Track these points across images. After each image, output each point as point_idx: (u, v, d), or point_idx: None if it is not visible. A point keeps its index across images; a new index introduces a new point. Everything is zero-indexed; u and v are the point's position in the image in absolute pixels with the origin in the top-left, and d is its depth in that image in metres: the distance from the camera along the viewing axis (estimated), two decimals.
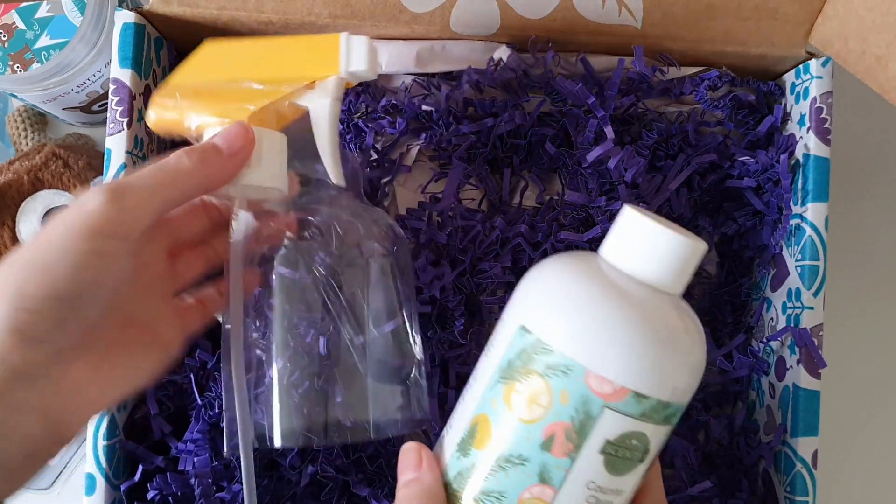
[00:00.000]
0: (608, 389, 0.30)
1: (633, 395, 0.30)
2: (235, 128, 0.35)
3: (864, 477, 0.57)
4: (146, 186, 0.31)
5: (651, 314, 0.30)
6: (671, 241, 0.31)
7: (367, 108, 0.47)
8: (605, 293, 0.31)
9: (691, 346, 0.31)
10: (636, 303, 0.31)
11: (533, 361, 0.31)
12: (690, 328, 0.32)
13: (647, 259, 0.31)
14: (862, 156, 0.59)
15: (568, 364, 0.30)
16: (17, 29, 0.48)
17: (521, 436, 0.31)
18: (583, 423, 0.30)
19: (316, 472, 0.45)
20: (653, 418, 0.30)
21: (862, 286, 0.58)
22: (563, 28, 0.45)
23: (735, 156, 0.48)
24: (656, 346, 0.30)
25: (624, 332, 0.30)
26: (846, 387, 0.55)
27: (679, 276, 0.32)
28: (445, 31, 0.46)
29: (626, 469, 0.31)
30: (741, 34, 0.45)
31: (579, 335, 0.30)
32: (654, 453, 0.32)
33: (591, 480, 0.31)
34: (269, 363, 0.38)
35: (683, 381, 0.31)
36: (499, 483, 0.31)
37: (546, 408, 0.30)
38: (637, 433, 0.30)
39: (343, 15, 0.45)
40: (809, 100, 0.45)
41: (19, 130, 0.57)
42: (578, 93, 0.45)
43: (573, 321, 0.30)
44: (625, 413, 0.30)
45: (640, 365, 0.30)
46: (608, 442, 0.30)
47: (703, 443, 0.50)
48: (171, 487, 0.43)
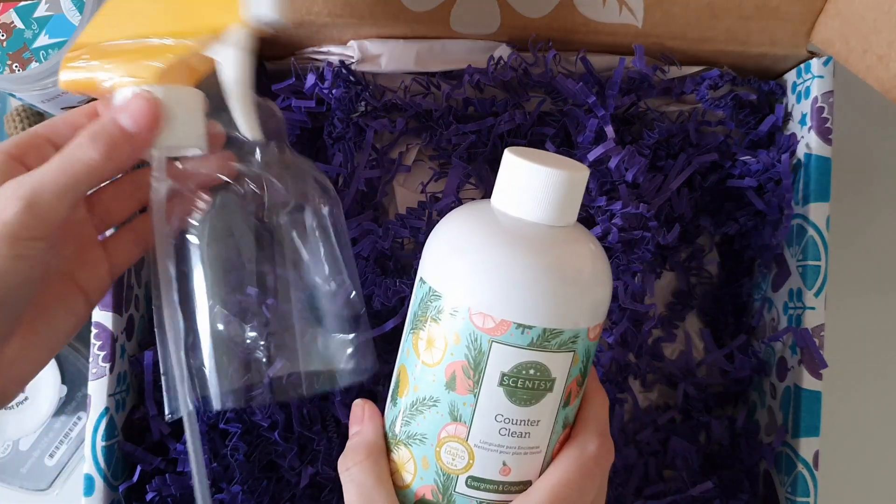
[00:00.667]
0: (491, 324, 0.31)
1: (515, 327, 0.31)
2: (140, 103, 0.34)
3: (866, 477, 0.57)
4: (57, 187, 0.32)
5: (527, 248, 0.31)
6: (545, 176, 0.32)
7: (367, 107, 0.47)
8: (483, 236, 0.32)
9: (577, 272, 0.32)
10: (512, 240, 0.32)
11: (429, 309, 0.33)
12: (579, 254, 0.32)
13: (528, 199, 0.32)
14: (863, 155, 0.58)
15: (454, 306, 0.32)
16: (16, 28, 0.48)
17: (429, 379, 0.33)
18: (476, 360, 0.32)
19: (316, 472, 0.45)
20: (545, 347, 0.31)
21: (863, 286, 0.57)
22: (564, 27, 0.45)
23: (736, 155, 0.48)
24: (531, 276, 0.31)
25: (498, 268, 0.31)
26: (848, 387, 0.54)
27: (563, 209, 0.32)
28: (445, 30, 0.45)
29: (532, 399, 0.32)
30: (742, 33, 0.45)
31: (461, 278, 0.32)
32: (565, 382, 0.32)
33: (498, 413, 0.32)
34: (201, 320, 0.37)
35: (570, 306, 0.31)
36: (419, 426, 0.33)
37: (443, 350, 0.32)
38: (532, 363, 0.31)
39: (342, 14, 0.44)
40: (811, 99, 0.45)
41: (18, 130, 0.57)
42: (579, 92, 0.45)
43: (455, 266, 0.32)
44: (512, 345, 0.31)
45: (517, 296, 0.31)
46: (504, 374, 0.31)
47: (705, 444, 0.50)
48: (170, 488, 0.43)
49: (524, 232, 0.32)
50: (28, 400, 0.50)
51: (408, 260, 0.46)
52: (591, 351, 0.34)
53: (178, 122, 0.35)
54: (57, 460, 0.52)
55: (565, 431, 0.34)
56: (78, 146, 0.33)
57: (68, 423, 0.52)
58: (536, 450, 0.33)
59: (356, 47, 0.46)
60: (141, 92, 0.35)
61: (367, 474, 0.34)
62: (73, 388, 0.52)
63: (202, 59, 0.36)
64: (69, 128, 0.36)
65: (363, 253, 0.45)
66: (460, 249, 0.32)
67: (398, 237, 0.46)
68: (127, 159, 0.34)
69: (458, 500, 0.33)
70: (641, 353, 0.49)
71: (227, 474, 0.44)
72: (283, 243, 0.38)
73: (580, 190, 0.33)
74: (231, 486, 0.43)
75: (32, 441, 0.52)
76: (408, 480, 0.34)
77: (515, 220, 0.32)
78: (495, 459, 0.32)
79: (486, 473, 0.33)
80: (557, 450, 0.34)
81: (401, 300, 0.45)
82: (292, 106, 0.47)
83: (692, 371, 0.50)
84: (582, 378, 0.33)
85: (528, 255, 0.31)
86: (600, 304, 0.33)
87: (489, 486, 0.33)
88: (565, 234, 0.33)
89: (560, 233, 0.32)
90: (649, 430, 0.49)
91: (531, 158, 0.32)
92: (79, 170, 0.33)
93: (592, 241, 0.34)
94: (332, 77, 0.46)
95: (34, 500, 0.53)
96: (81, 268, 0.38)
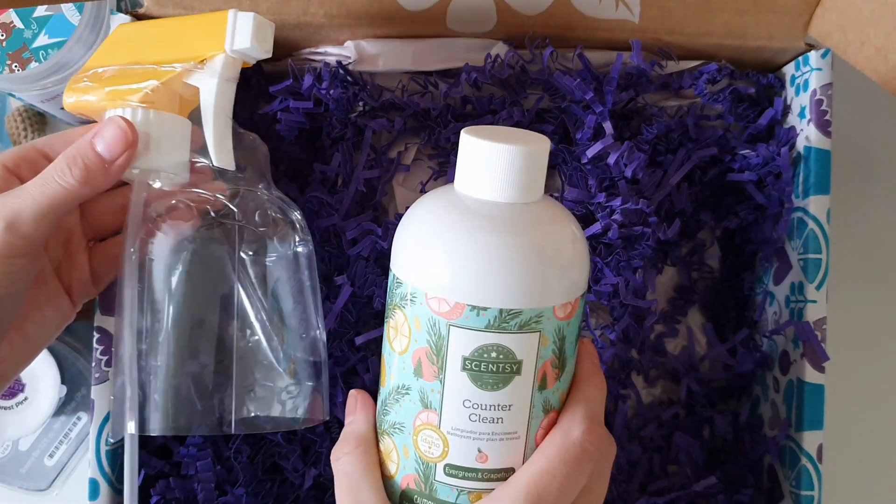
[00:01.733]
0: (446, 308, 0.30)
1: (470, 309, 0.30)
2: (114, 130, 0.35)
3: (870, 470, 0.56)
4: (36, 209, 0.34)
5: (478, 228, 0.30)
6: (499, 154, 0.31)
7: (365, 107, 0.47)
8: (438, 220, 0.31)
9: (534, 247, 0.30)
10: (463, 221, 0.31)
11: (394, 297, 0.33)
12: (539, 229, 0.31)
13: (485, 178, 0.31)
14: (863, 148, 0.58)
15: (413, 292, 0.31)
16: (16, 28, 0.48)
17: (400, 367, 0.33)
18: (438, 345, 0.31)
19: (319, 474, 0.45)
20: (504, 328, 0.30)
21: (865, 279, 0.57)
22: (561, 24, 0.45)
23: (736, 149, 0.48)
24: (482, 256, 0.30)
25: (450, 250, 0.30)
26: (851, 380, 0.54)
27: (522, 184, 0.31)
28: (442, 28, 0.45)
29: (498, 383, 0.31)
30: (740, 27, 0.45)
31: (417, 263, 0.31)
32: (535, 364, 0.31)
33: (465, 399, 0.31)
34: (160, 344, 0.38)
35: (527, 283, 0.30)
36: (397, 414, 0.33)
37: (408, 337, 0.32)
38: (492, 346, 0.30)
39: (339, 15, 0.44)
40: (809, 92, 0.45)
41: (19, 130, 0.57)
42: (576, 88, 0.45)
43: (412, 252, 0.32)
44: (469, 328, 0.30)
45: (468, 277, 0.30)
46: (465, 359, 0.31)
47: (708, 439, 0.50)
48: (174, 492, 0.43)
49: (480, 211, 0.31)
50: (28, 400, 0.50)
51: None
52: (567, 331, 0.32)
53: (161, 148, 0.36)
54: (56, 460, 0.53)
55: (549, 416, 0.33)
56: (56, 170, 0.35)
57: (68, 423, 0.52)
58: (514, 436, 0.32)
59: (353, 47, 0.46)
60: (114, 117, 0.36)
61: (354, 464, 0.34)
62: (73, 389, 0.52)
63: (189, 87, 0.37)
64: (65, 145, 0.37)
65: (363, 253, 0.45)
66: (417, 235, 0.32)
67: None
68: (103, 183, 0.36)
69: (439, 488, 0.32)
70: (644, 348, 0.49)
71: (231, 477, 0.44)
72: (252, 281, 0.39)
73: (540, 163, 0.32)
74: (235, 489, 0.44)
75: (32, 441, 0.52)
76: (393, 470, 0.34)
77: (475, 202, 0.31)
78: (469, 446, 0.32)
79: (463, 461, 0.32)
80: (541, 435, 0.32)
81: None
82: (290, 107, 0.47)
83: (695, 366, 0.50)
84: (559, 360, 0.32)
85: (477, 234, 0.30)
86: (567, 279, 0.31)
87: (467, 473, 0.32)
88: (527, 210, 0.31)
89: (522, 209, 0.31)
90: (653, 426, 0.49)
91: (487, 136, 0.31)
92: (57, 193, 0.35)
93: (560, 214, 0.33)
94: (329, 78, 0.46)
95: (34, 501, 0.53)
96: (69, 271, 0.40)
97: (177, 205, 0.39)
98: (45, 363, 0.50)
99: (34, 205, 0.34)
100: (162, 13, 0.44)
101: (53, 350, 0.50)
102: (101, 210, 0.41)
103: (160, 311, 0.38)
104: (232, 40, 0.37)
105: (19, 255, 0.34)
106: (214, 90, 0.37)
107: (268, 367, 0.38)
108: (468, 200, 0.32)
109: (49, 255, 0.39)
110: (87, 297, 0.41)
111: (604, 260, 0.46)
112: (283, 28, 0.45)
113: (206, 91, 0.37)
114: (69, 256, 0.40)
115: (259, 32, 0.37)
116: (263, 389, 0.38)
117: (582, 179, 0.46)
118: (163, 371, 0.37)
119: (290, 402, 0.38)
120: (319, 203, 0.46)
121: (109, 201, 0.40)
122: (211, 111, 0.37)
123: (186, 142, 0.37)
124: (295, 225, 0.40)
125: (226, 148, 0.37)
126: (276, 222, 0.40)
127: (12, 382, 0.44)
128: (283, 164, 0.49)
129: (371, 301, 0.45)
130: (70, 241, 0.40)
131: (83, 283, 0.40)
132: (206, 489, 0.43)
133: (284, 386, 0.39)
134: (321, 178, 0.47)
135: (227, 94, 0.38)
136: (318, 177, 0.47)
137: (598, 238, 0.45)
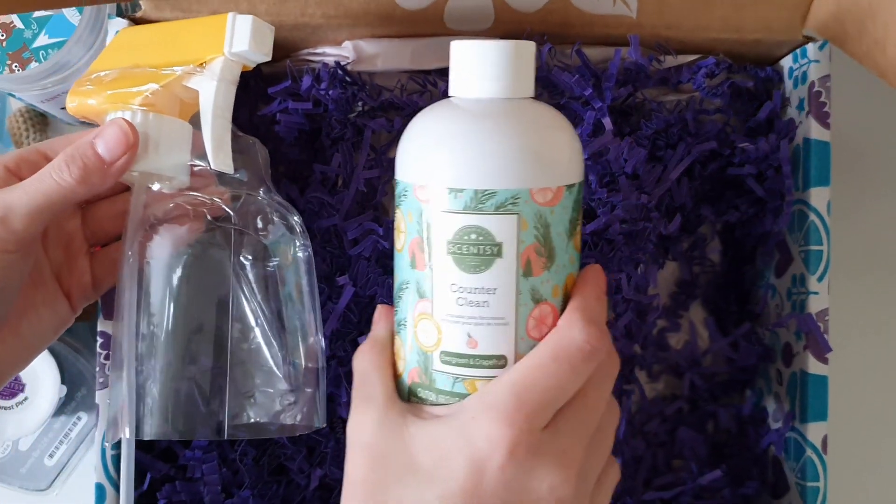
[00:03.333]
0: (428, 195, 0.33)
1: (448, 191, 0.32)
2: (116, 132, 0.35)
3: (875, 460, 0.57)
4: (30, 205, 0.34)
5: (457, 116, 0.33)
6: (485, 49, 0.33)
7: (364, 107, 0.47)
8: (424, 119, 0.34)
9: (510, 131, 0.32)
10: (444, 113, 0.34)
11: (395, 198, 0.35)
12: (518, 116, 0.33)
13: (473, 76, 0.33)
14: (862, 139, 0.58)
15: (405, 186, 0.34)
16: (16, 28, 0.48)
17: (400, 264, 0.35)
18: (427, 234, 0.33)
19: (324, 475, 0.45)
20: (480, 209, 0.32)
21: (866, 270, 0.57)
22: (558, 20, 0.45)
23: (735, 143, 0.48)
24: (458, 140, 0.32)
25: (432, 139, 0.33)
26: (854, 371, 0.54)
27: (508, 80, 0.33)
28: (440, 27, 0.45)
29: (480, 265, 0.32)
30: (737, 20, 0.45)
31: (407, 159, 0.34)
32: (516, 248, 0.32)
33: (451, 283, 0.33)
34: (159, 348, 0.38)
35: (500, 164, 0.32)
36: (401, 311, 0.35)
37: (404, 231, 0.34)
38: (471, 227, 0.32)
39: (336, 15, 0.44)
40: (808, 84, 0.45)
41: (21, 130, 0.57)
42: (575, 85, 0.45)
43: (404, 150, 0.34)
44: (449, 210, 0.32)
45: (445, 161, 0.32)
46: (448, 242, 0.32)
47: (712, 432, 0.50)
48: (181, 495, 0.43)
49: (463, 106, 0.34)
50: (28, 400, 0.50)
51: None
52: (551, 219, 0.33)
53: (161, 151, 0.36)
54: (56, 460, 0.52)
55: (541, 307, 0.33)
56: (54, 168, 0.35)
57: (68, 423, 0.52)
58: (502, 321, 0.33)
59: (351, 47, 0.46)
60: (116, 118, 0.36)
61: (366, 362, 0.35)
62: (73, 389, 0.52)
63: (188, 90, 0.37)
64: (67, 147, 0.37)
65: (365, 253, 0.45)
66: (407, 135, 0.35)
67: None
68: (101, 183, 0.36)
69: (437, 377, 0.34)
70: (647, 344, 0.49)
71: (237, 479, 0.44)
72: (251, 286, 0.39)
73: (526, 59, 0.34)
74: (241, 491, 0.44)
75: (32, 441, 0.52)
76: (401, 367, 0.35)
77: (463, 100, 0.34)
78: (460, 331, 0.33)
79: (455, 347, 0.33)
80: (533, 326, 0.33)
81: None
82: (289, 108, 0.47)
83: (698, 360, 0.50)
84: (544, 248, 0.33)
85: (456, 121, 0.33)
86: (544, 163, 0.32)
87: (460, 359, 0.33)
88: (512, 103, 0.33)
89: (507, 102, 0.33)
90: (656, 421, 0.49)
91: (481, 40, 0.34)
92: (53, 190, 0.34)
93: (544, 108, 0.35)
94: (328, 78, 0.46)
95: (34, 501, 0.53)
96: (69, 275, 0.40)
97: (176, 208, 0.39)
98: (45, 363, 0.50)
99: (28, 200, 0.34)
100: (160, 17, 0.44)
101: (53, 350, 0.50)
102: (102, 215, 0.41)
103: (158, 314, 0.38)
104: (231, 43, 0.37)
105: (10, 251, 0.34)
106: (213, 93, 0.37)
107: (267, 372, 0.38)
108: (457, 100, 0.34)
109: (49, 258, 0.39)
110: (87, 301, 0.41)
111: (606, 256, 0.46)
112: (281, 29, 0.45)
113: (205, 94, 0.37)
114: (70, 260, 0.40)
115: (257, 35, 0.37)
116: (262, 395, 0.39)
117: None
118: (161, 375, 0.37)
119: (288, 408, 0.39)
120: (320, 203, 0.46)
121: (111, 206, 0.40)
122: (209, 113, 0.37)
123: (187, 145, 0.37)
124: (294, 230, 0.40)
125: (224, 151, 0.37)
126: (276, 227, 0.40)
127: (9, 382, 0.45)
128: (282, 166, 0.49)
129: (373, 301, 0.45)
130: (71, 245, 0.40)
131: (83, 286, 0.40)
132: (212, 492, 0.43)
133: (283, 391, 0.39)
134: (321, 179, 0.47)
135: (227, 97, 0.38)
136: (319, 177, 0.47)
137: (600, 234, 0.45)
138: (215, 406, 0.38)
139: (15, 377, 0.50)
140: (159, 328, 0.38)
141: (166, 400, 0.38)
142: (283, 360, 0.39)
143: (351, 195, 0.46)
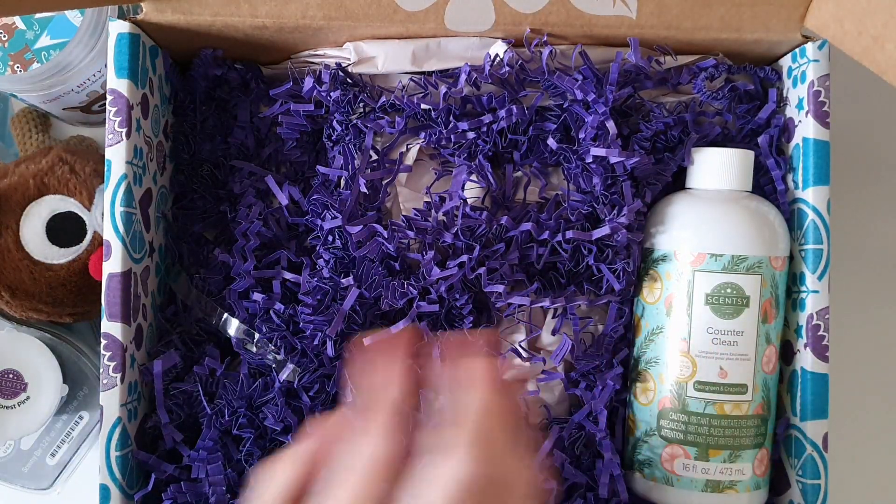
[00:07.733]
0: (692, 258, 0.43)
1: (710, 256, 0.43)
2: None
3: (876, 458, 0.57)
4: None
5: (713, 199, 0.44)
6: (727, 156, 0.44)
7: (366, 109, 0.47)
8: (680, 200, 0.45)
9: (753, 212, 0.44)
10: (700, 197, 0.45)
11: (647, 263, 0.46)
12: (753, 202, 0.44)
13: (717, 173, 0.45)
14: (862, 138, 0.58)
15: (664, 253, 0.44)
16: (17, 29, 0.48)
17: (653, 313, 0.45)
18: (687, 288, 0.43)
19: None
20: (735, 270, 0.43)
21: (866, 268, 0.58)
22: (558, 21, 0.45)
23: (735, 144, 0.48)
24: (719, 216, 0.43)
25: (692, 215, 0.44)
26: (854, 369, 0.55)
27: (743, 176, 0.44)
28: (440, 28, 0.46)
29: (733, 313, 0.43)
30: (736, 20, 0.45)
31: (668, 231, 0.45)
32: (759, 300, 0.43)
33: (708, 326, 0.43)
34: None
35: (750, 236, 0.43)
36: (654, 350, 0.44)
37: (660, 288, 0.44)
38: (728, 283, 0.43)
39: (337, 16, 0.44)
40: (807, 83, 0.45)
41: (24, 131, 0.57)
42: (577, 89, 0.45)
43: (662, 225, 0.45)
44: (710, 271, 0.43)
45: (709, 232, 0.43)
46: (707, 295, 0.43)
47: None
48: (185, 496, 0.43)
49: (710, 192, 0.45)
50: (29, 399, 0.50)
51: (414, 261, 0.46)
52: (779, 280, 0.44)
53: None
54: (58, 460, 0.52)
55: (770, 347, 0.43)
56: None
57: (70, 422, 0.52)
58: (746, 357, 0.43)
59: (352, 49, 0.47)
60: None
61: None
62: (75, 388, 0.52)
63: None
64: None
65: (369, 255, 0.45)
66: (664, 216, 0.45)
67: (403, 239, 0.46)
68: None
69: (690, 402, 0.43)
70: None
71: (242, 480, 0.44)
72: None
73: (750, 164, 0.45)
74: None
75: (34, 440, 0.52)
76: (650, 397, 0.44)
77: (705, 191, 0.45)
78: (713, 365, 0.43)
79: (708, 377, 0.43)
80: (766, 362, 0.43)
81: (408, 301, 0.45)
82: (291, 110, 0.47)
83: None
84: (775, 301, 0.43)
85: (714, 203, 0.44)
86: (777, 238, 0.44)
87: (712, 387, 0.43)
88: (742, 194, 0.45)
89: (739, 193, 0.45)
90: None
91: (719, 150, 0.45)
92: None
93: (760, 197, 0.45)
94: (329, 80, 0.46)
95: (35, 500, 0.53)
96: None
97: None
98: (47, 362, 0.50)
99: None
100: (161, 19, 0.45)
101: (55, 350, 0.50)
102: None
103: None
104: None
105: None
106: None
107: None
108: (697, 191, 0.45)
109: None
110: None
111: (609, 265, 0.46)
112: (283, 31, 0.45)
113: None
114: None
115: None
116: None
117: (585, 178, 0.46)
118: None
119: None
120: (323, 205, 0.46)
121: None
122: None
123: None
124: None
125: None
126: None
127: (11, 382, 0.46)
128: (284, 167, 0.49)
129: (378, 302, 0.45)
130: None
131: None
132: (217, 492, 0.43)
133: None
134: (323, 181, 0.47)
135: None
136: (321, 179, 0.47)
137: (606, 240, 0.45)
138: None
139: (17, 376, 0.50)
140: None
141: None
142: None
143: (353, 196, 0.46)
